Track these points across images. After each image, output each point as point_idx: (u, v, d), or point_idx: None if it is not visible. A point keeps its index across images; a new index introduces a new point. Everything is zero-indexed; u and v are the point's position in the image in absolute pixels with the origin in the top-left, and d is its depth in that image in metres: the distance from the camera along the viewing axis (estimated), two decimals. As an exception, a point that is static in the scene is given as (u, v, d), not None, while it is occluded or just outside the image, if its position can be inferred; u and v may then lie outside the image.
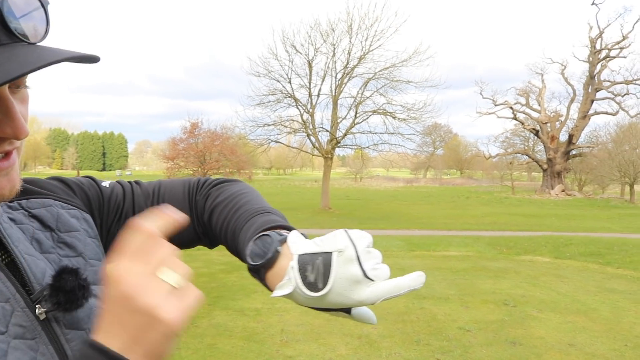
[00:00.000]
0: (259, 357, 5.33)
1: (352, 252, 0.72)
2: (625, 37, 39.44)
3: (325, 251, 0.73)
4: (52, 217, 0.85)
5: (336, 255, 0.72)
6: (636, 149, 34.98)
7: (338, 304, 0.73)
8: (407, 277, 0.73)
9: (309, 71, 25.67)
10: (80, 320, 0.76)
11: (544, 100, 43.98)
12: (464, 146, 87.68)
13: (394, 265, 6.96)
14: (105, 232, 0.95)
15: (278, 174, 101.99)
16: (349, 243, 0.72)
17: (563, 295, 8.17)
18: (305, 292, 0.72)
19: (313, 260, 0.72)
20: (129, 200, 0.99)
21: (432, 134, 79.37)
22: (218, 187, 1.02)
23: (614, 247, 13.12)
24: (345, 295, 0.71)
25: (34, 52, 0.63)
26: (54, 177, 0.95)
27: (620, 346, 5.84)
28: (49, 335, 0.71)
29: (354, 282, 0.71)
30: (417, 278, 0.74)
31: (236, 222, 0.90)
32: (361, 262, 0.71)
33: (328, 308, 0.75)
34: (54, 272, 0.73)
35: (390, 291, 0.72)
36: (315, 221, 20.96)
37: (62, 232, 0.84)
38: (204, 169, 43.91)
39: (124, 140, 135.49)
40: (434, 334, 6.13)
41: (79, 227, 0.87)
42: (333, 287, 0.71)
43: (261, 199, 0.97)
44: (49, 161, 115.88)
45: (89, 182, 0.98)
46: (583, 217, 24.58)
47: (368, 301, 0.72)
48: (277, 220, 0.87)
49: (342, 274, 0.71)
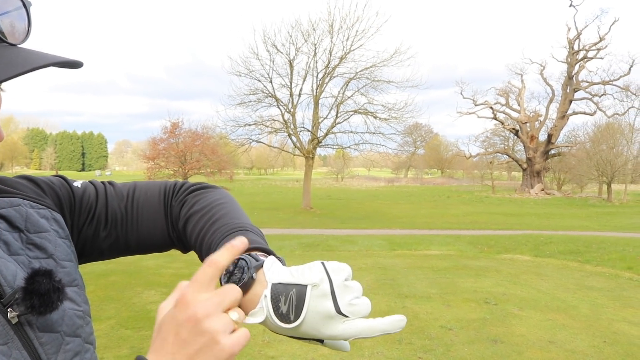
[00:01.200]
0: (240, 357, 5.29)
1: (327, 286, 0.70)
2: (602, 38, 40.04)
3: (300, 283, 0.71)
4: (21, 217, 0.80)
5: (310, 289, 0.70)
6: (613, 148, 35.52)
7: (310, 335, 0.71)
8: (386, 320, 0.71)
9: (290, 71, 25.66)
10: (54, 323, 0.73)
11: (524, 100, 44.49)
12: (445, 146, 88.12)
13: (375, 264, 7.02)
14: (76, 233, 0.92)
15: (259, 174, 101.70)
16: (325, 276, 0.71)
17: (543, 293, 8.25)
18: (277, 322, 0.70)
19: (287, 291, 0.71)
20: (102, 202, 0.95)
21: (413, 133, 79.83)
22: (195, 194, 0.99)
23: (592, 245, 13.30)
24: (317, 329, 0.70)
25: (19, 54, 0.64)
26: (23, 175, 0.91)
27: (599, 342, 5.90)
28: (22, 339, 0.69)
29: (326, 317, 0.69)
30: (395, 322, 0.72)
31: (212, 237, 0.88)
32: (336, 297, 0.69)
33: (301, 337, 0.74)
34: (26, 274, 0.70)
35: (362, 332, 0.70)
36: (297, 221, 20.95)
37: (31, 232, 0.80)
38: (185, 169, 43.69)
39: (103, 140, 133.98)
40: (416, 333, 6.13)
41: (49, 228, 0.84)
42: (305, 321, 0.69)
43: (239, 211, 0.96)
44: (26, 161, 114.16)
45: (59, 182, 0.94)
46: (562, 215, 24.89)
47: (340, 337, 0.70)
48: (256, 240, 0.85)
49: (314, 308, 0.69)
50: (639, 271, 10.13)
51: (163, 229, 0.98)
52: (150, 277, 8.69)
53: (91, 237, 0.94)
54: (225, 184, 51.21)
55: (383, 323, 0.71)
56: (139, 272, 9.01)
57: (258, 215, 22.86)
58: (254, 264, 0.74)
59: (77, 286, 0.83)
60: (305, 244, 13.59)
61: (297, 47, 25.16)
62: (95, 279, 8.33)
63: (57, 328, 0.74)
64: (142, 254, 1.01)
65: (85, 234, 0.93)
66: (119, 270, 9.00)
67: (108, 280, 8.35)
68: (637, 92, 38.90)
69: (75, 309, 0.79)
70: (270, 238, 15.67)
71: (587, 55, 41.39)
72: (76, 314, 0.78)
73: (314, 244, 13.66)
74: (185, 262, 9.83)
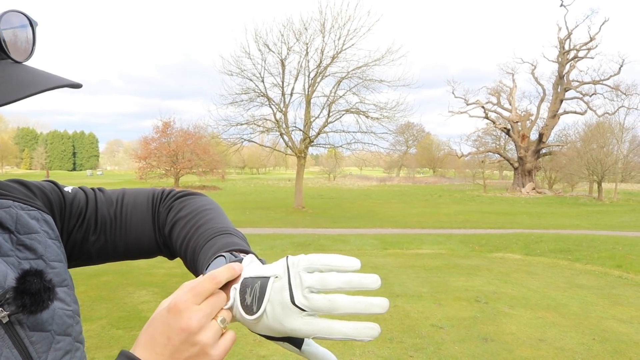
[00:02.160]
0: (232, 357, 5.29)
1: (286, 277, 0.71)
2: (592, 38, 40.27)
3: (264, 275, 0.73)
4: (11, 219, 0.82)
5: (272, 280, 0.72)
6: (603, 147, 35.72)
7: (276, 331, 0.71)
8: (350, 324, 0.69)
9: (282, 70, 25.61)
10: (44, 322, 0.75)
11: (515, 99, 44.65)
12: (437, 145, 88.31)
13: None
14: (66, 237, 0.94)
15: (251, 174, 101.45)
16: (286, 268, 0.72)
17: (534, 291, 8.30)
18: (242, 314, 0.72)
19: (253, 284, 0.73)
20: (92, 207, 0.97)
21: (405, 132, 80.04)
22: (181, 200, 1.02)
23: (583, 243, 13.38)
24: (279, 321, 0.70)
25: (27, 74, 0.67)
26: (14, 179, 0.93)
27: (588, 340, 5.95)
28: (13, 338, 0.70)
29: (285, 308, 0.69)
30: (361, 330, 0.69)
31: (197, 241, 0.91)
32: (292, 288, 0.70)
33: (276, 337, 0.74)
34: (17, 274, 0.71)
35: (320, 331, 0.69)
36: (289, 220, 20.94)
37: (21, 234, 0.81)
38: (177, 168, 43.61)
39: (94, 139, 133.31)
40: (407, 331, 6.16)
41: (39, 229, 0.85)
42: (267, 312, 0.70)
43: (224, 217, 0.98)
44: (17, 161, 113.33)
45: (50, 187, 0.95)
46: (553, 214, 25.02)
47: (301, 332, 0.70)
48: (238, 243, 0.87)
49: (274, 299, 0.70)
50: (628, 269, 10.20)
51: (150, 235, 1.00)
52: (142, 277, 8.67)
53: (80, 241, 0.96)
54: (217, 183, 51.19)
55: (346, 327, 0.69)
56: (130, 272, 8.98)
57: (250, 214, 22.83)
58: (232, 260, 0.79)
59: (67, 286, 0.84)
60: (297, 244, 13.59)
61: (288, 46, 25.13)
62: (86, 279, 8.31)
63: (48, 327, 0.75)
64: (130, 260, 1.03)
65: (75, 238, 0.95)
66: (111, 270, 8.96)
67: (100, 280, 8.32)
68: (627, 91, 39.16)
69: (65, 308, 0.80)
70: (262, 237, 15.73)
71: (577, 54, 41.62)
72: (66, 314, 0.80)
73: (306, 244, 13.66)
74: (177, 262, 9.75)
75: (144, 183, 47.91)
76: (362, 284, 0.69)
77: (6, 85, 0.63)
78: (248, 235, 12.12)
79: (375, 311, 0.68)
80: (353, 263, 0.70)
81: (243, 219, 20.33)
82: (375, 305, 0.68)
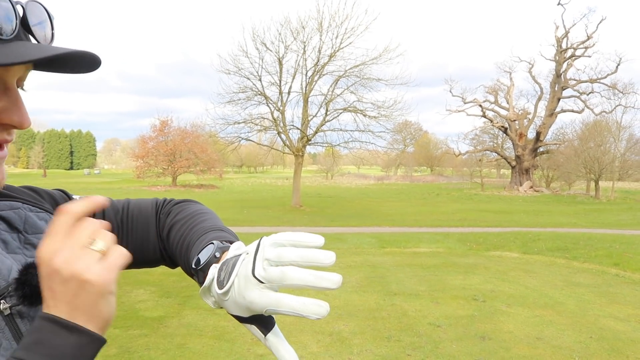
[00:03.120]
0: (229, 356, 5.29)
1: (253, 252, 0.73)
2: (589, 36, 40.29)
3: (239, 254, 0.76)
4: (20, 219, 0.85)
5: (243, 257, 0.74)
6: (601, 146, 35.79)
7: (240, 305, 0.73)
8: (299, 299, 0.68)
9: (280, 69, 25.58)
10: None
11: (512, 98, 44.67)
12: (434, 143, 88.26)
13: (364, 262, 7.04)
14: None
15: (249, 172, 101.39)
16: (257, 246, 0.74)
17: (531, 289, 8.31)
18: (216, 289, 0.74)
19: (229, 262, 0.75)
20: (99, 214, 1.00)
21: (402, 131, 79.97)
22: (179, 206, 1.06)
23: (580, 242, 13.41)
24: (242, 294, 0.71)
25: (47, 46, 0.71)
26: (25, 185, 0.97)
27: (585, 338, 5.97)
28: (13, 330, 0.71)
29: (247, 280, 0.71)
30: (309, 306, 0.68)
31: (191, 237, 0.95)
32: (255, 261, 0.71)
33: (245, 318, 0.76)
34: (21, 267, 0.73)
35: (270, 303, 0.69)
36: (287, 219, 20.94)
37: (29, 233, 0.85)
38: (174, 167, 43.56)
39: (92, 138, 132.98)
40: (404, 330, 6.16)
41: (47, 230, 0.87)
42: (234, 285, 0.72)
43: (218, 220, 1.01)
44: (14, 160, 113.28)
45: (60, 194, 1.00)
46: (550, 212, 25.05)
47: (256, 305, 0.70)
48: (228, 236, 0.91)
49: (241, 272, 0.72)
50: (625, 268, 10.23)
51: (155, 242, 1.03)
52: (139, 275, 8.66)
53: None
54: (214, 182, 51.15)
55: (294, 301, 0.68)
56: (128, 271, 8.87)
57: (247, 213, 22.81)
58: (219, 246, 0.83)
59: None
60: (295, 242, 13.56)
61: (286, 45, 25.10)
62: (83, 278, 8.28)
63: None
64: (133, 269, 1.04)
65: None
66: (108, 269, 8.93)
67: (97, 279, 8.30)
68: (624, 90, 39.24)
69: None
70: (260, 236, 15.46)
71: (575, 53, 41.65)
72: None
73: (304, 242, 13.63)
74: (174, 261, 9.79)
75: (142, 182, 47.89)
76: (316, 258, 0.69)
77: (32, 50, 0.68)
78: (245, 233, 12.03)
79: (326, 285, 0.67)
80: (315, 239, 0.71)
81: (241, 218, 20.31)
82: (326, 280, 0.67)
